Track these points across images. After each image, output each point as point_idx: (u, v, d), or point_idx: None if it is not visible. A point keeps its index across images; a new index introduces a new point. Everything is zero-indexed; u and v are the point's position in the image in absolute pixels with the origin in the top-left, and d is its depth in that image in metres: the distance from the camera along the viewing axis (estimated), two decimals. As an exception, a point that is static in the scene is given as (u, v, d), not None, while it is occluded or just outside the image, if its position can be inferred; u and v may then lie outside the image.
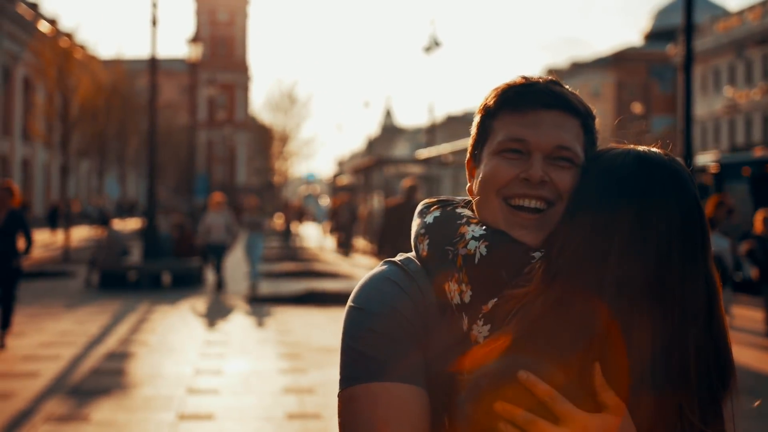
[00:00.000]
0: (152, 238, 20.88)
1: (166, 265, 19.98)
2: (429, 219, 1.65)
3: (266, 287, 19.42)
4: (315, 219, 41.80)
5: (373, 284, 1.60)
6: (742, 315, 14.92)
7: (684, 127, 19.06)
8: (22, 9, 52.89)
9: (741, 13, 54.41)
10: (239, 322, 14.39)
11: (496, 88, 1.68)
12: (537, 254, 1.54)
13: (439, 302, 1.57)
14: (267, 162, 68.83)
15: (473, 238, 1.56)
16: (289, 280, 21.22)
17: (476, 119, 1.70)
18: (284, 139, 53.73)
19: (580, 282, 1.46)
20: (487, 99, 1.69)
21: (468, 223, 1.60)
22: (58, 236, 37.12)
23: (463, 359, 1.49)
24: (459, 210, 1.66)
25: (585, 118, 1.65)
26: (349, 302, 1.60)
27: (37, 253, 28.98)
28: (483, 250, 1.54)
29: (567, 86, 1.68)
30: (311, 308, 15.98)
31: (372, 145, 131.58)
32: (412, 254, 1.66)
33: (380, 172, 31.25)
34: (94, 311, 15.34)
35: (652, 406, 1.42)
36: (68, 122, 30.72)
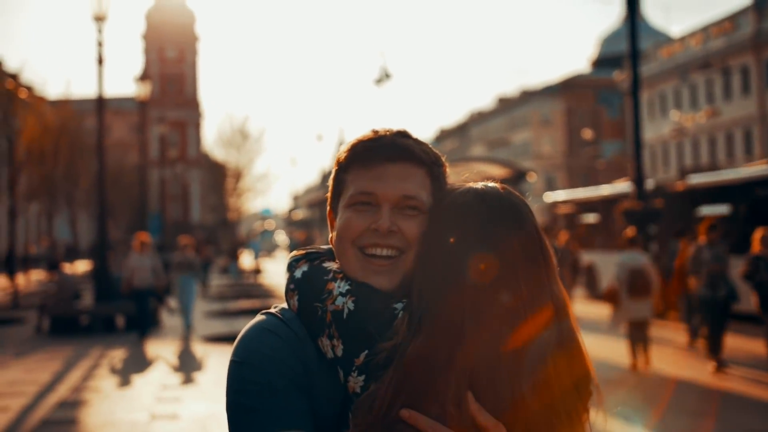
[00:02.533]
0: (104, 280, 20.45)
1: (119, 308, 19.53)
2: (298, 274, 1.72)
3: (222, 326, 19.10)
4: (253, 253, 41.66)
5: (251, 336, 1.66)
6: (740, 347, 14.95)
7: (634, 152, 19.24)
8: (-35, 51, 52.06)
9: (683, 39, 55.49)
10: (196, 363, 14.08)
11: (349, 143, 1.79)
12: (399, 305, 1.62)
13: (318, 351, 1.65)
14: (221, 199, 68.33)
15: (340, 293, 1.64)
16: (247, 318, 20.86)
17: (332, 173, 1.82)
18: (237, 175, 53.40)
19: (441, 325, 1.54)
20: (340, 154, 1.80)
21: (334, 279, 1.67)
22: (7, 281, 36.33)
23: (347, 413, 1.60)
24: (326, 264, 1.73)
25: (430, 166, 1.75)
26: (231, 357, 1.67)
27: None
28: (350, 305, 1.61)
29: (414, 137, 1.79)
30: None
31: (326, 178, 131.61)
32: (285, 305, 1.75)
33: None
34: (44, 358, 14.93)
35: (526, 420, 1.51)
36: (14, 165, 30.18)
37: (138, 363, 14.19)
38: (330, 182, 1.83)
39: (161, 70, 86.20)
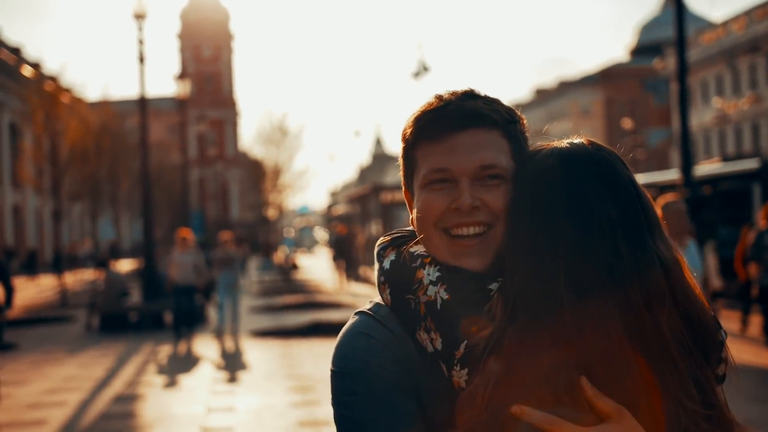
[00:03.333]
0: (151, 277, 20.63)
1: (167, 305, 19.65)
2: (386, 264, 1.62)
3: (269, 321, 19.16)
4: (283, 250, 41.65)
5: (345, 342, 1.58)
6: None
7: (681, 139, 18.95)
8: (4, 54, 52.88)
9: (726, 23, 54.70)
10: (246, 358, 14.13)
11: (412, 116, 1.65)
12: (494, 285, 1.51)
13: (417, 345, 1.54)
14: (260, 196, 68.59)
15: (431, 282, 1.53)
16: (292, 313, 20.94)
17: (400, 150, 1.69)
18: (277, 172, 53.49)
19: (539, 304, 1.43)
20: (404, 129, 1.67)
21: (423, 265, 1.56)
22: (45, 282, 36.80)
23: (454, 411, 1.48)
24: (413, 249, 1.61)
25: (505, 126, 1.60)
26: (331, 366, 1.59)
27: (37, 298, 28.72)
28: (443, 294, 1.51)
29: (482, 95, 1.64)
30: (317, 339, 15.73)
31: (364, 173, 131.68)
32: (380, 299, 1.63)
33: (377, 199, 31.08)
34: (97, 355, 15.07)
35: (650, 404, 1.40)
36: (58, 166, 30.54)
37: (188, 359, 14.27)
38: (400, 161, 1.69)
39: (197, 69, 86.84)
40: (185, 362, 13.81)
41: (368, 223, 33.76)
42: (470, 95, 1.63)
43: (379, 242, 1.70)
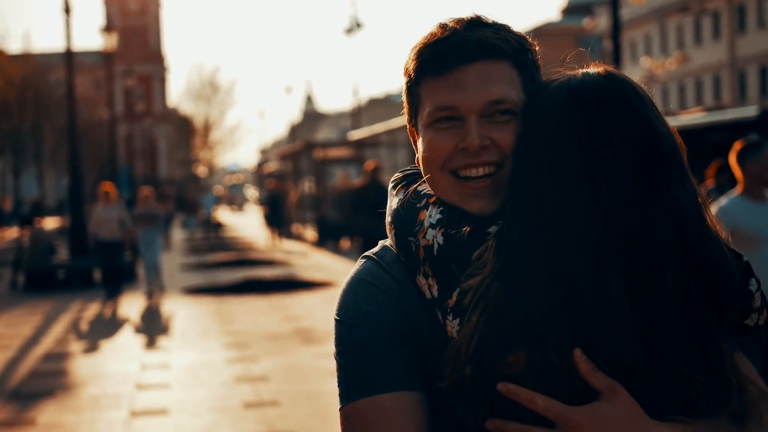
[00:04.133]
0: (79, 234, 20.15)
1: (96, 262, 19.23)
2: (394, 203, 1.55)
3: (201, 278, 18.97)
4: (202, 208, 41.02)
5: (347, 290, 1.52)
6: None
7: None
8: None
9: (654, -16, 55.33)
10: (179, 315, 13.96)
11: (414, 48, 1.53)
12: (493, 229, 1.41)
13: (419, 292, 1.47)
14: (190, 153, 67.62)
15: (431, 225, 1.45)
16: (225, 270, 20.74)
17: (403, 86, 1.58)
18: (207, 129, 52.77)
19: (537, 255, 1.33)
20: (407, 62, 1.55)
21: (427, 206, 1.48)
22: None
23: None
24: (421, 188, 1.53)
25: (515, 56, 1.48)
26: (334, 314, 1.53)
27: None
28: (440, 239, 1.43)
29: (490, 22, 1.52)
30: (251, 296, 15.62)
31: (295, 131, 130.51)
32: (389, 241, 1.55)
33: (309, 156, 30.87)
34: (23, 313, 14.75)
35: (647, 371, 1.31)
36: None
37: (119, 316, 14.05)
38: (403, 98, 1.58)
39: (123, 22, 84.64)
40: (116, 320, 13.59)
41: (301, 180, 33.55)
42: (477, 23, 1.50)
43: (392, 178, 1.62)
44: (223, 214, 48.71)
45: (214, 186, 71.34)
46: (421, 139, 1.52)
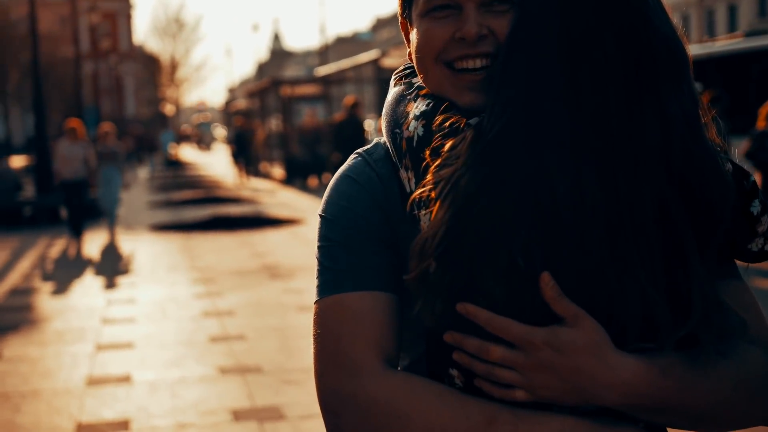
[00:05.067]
0: (45, 172, 19.97)
1: (62, 199, 19.10)
2: (390, 97, 1.50)
3: (168, 215, 18.93)
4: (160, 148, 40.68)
5: (332, 186, 1.49)
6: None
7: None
8: None
9: None
10: (145, 250, 13.96)
11: None
12: (473, 120, 1.34)
13: (402, 187, 1.42)
14: (157, 91, 66.69)
15: (415, 117, 1.39)
16: (192, 208, 20.70)
17: None
18: (174, 66, 52.05)
19: (512, 147, 1.26)
20: None
21: (416, 98, 1.43)
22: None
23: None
24: (415, 80, 1.49)
25: None
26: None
27: None
28: (420, 130, 1.37)
29: None
30: (218, 233, 15.65)
31: (262, 69, 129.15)
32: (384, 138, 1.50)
33: (276, 94, 30.64)
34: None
35: (609, 283, 1.23)
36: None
37: (85, 253, 14.03)
38: None
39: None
40: (82, 257, 13.57)
41: (268, 118, 33.33)
42: None
43: (395, 71, 1.57)
44: (191, 153, 48.30)
45: (175, 124, 70.45)
46: (415, 30, 1.45)
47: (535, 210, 1.23)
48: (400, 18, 1.54)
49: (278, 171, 29.89)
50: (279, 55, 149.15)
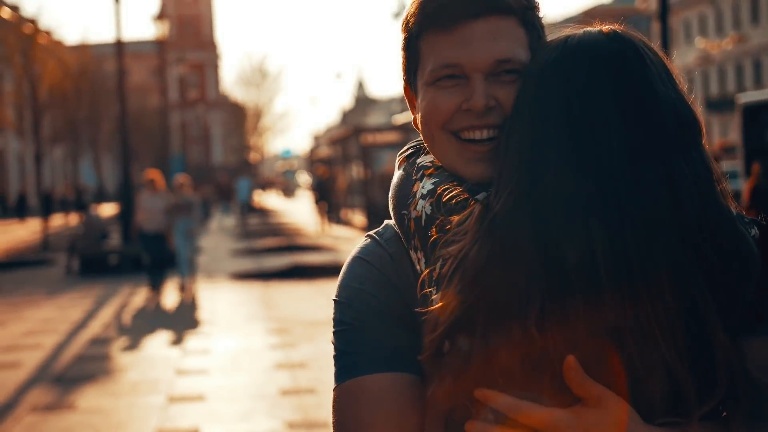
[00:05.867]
0: (130, 221, 20.50)
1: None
2: (395, 178, 1.47)
3: (248, 263, 19.16)
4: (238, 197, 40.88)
5: (345, 269, 1.47)
6: None
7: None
8: (-19, -3, 51.92)
9: (710, -37, 54.21)
10: (224, 299, 14.13)
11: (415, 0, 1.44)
12: (481, 196, 1.32)
13: (413, 267, 1.40)
14: (242, 139, 68.03)
15: (422, 196, 1.37)
16: (273, 256, 20.91)
17: (401, 40, 1.48)
18: (258, 115, 53.14)
19: (519, 219, 1.24)
20: (407, 16, 1.45)
21: (422, 177, 1.40)
22: (33, 225, 36.66)
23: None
24: (420, 160, 1.45)
25: (523, 12, 1.40)
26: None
27: (22, 241, 28.62)
28: (428, 209, 1.35)
29: None
30: (297, 282, 15.73)
31: (346, 117, 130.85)
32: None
33: (357, 141, 30.92)
34: (75, 297, 15.04)
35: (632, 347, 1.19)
36: (38, 108, 30.22)
37: (165, 302, 14.26)
38: (400, 53, 1.49)
39: (177, 11, 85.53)
40: (161, 307, 13.80)
41: (349, 165, 33.62)
42: None
43: (399, 152, 1.54)
44: (275, 200, 49.01)
45: (260, 171, 71.77)
46: (420, 98, 1.44)
47: (547, 279, 1.20)
48: (403, 83, 1.51)
49: (359, 218, 30.07)
50: (363, 102, 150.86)
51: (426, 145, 1.45)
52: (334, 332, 1.43)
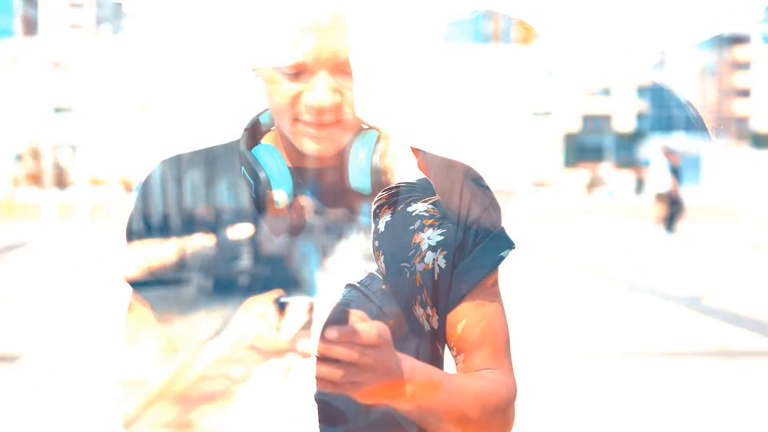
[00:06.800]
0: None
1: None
2: (381, 226, 1.39)
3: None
4: None
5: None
6: None
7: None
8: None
9: None
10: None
11: None
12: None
13: (415, 324, 1.37)
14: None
15: (430, 248, 1.35)
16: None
17: None
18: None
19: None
20: None
21: (422, 228, 1.36)
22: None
23: None
24: (411, 209, 1.39)
25: None
26: None
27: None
28: (441, 262, 1.34)
29: None
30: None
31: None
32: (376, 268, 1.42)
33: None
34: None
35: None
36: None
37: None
38: None
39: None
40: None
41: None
42: None
43: (375, 199, 1.44)
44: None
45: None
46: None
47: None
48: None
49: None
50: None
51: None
52: None
